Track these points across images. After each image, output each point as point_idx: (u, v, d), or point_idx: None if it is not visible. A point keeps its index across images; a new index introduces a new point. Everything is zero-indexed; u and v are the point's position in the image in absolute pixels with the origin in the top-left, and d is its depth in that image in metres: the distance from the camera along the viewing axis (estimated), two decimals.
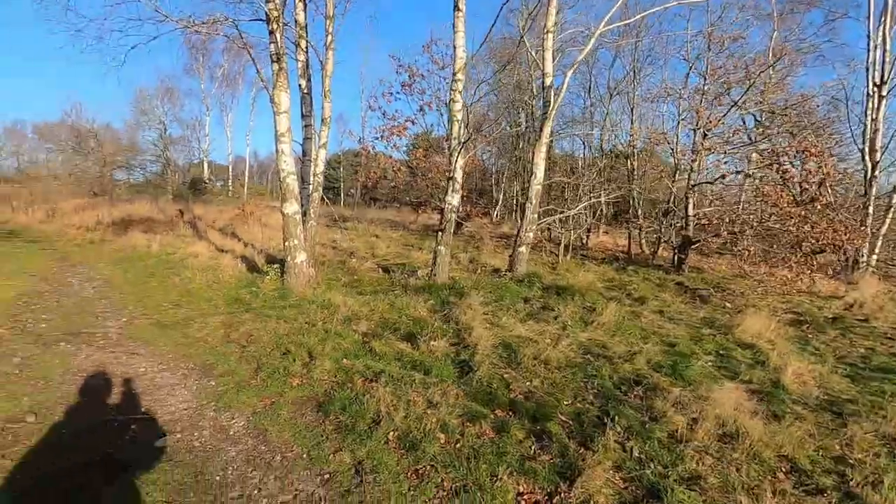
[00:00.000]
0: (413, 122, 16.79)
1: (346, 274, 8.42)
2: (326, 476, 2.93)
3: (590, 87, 19.42)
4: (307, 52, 7.69)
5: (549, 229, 15.25)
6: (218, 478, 2.92)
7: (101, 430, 3.34)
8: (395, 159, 16.35)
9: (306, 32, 7.47)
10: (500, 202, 23.23)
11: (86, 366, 4.45)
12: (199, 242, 11.29)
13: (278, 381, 4.16)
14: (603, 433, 3.34)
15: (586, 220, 15.29)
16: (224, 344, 5.08)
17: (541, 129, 8.71)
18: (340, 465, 3.02)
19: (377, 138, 10.99)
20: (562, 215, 11.85)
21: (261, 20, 6.31)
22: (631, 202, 15.79)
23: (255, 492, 2.78)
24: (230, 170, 44.02)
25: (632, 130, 16.85)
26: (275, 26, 6.26)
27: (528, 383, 4.26)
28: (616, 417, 3.59)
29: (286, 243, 6.73)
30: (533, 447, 3.25)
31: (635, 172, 15.72)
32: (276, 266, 7.18)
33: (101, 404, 3.74)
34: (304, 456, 3.14)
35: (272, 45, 6.32)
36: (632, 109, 17.45)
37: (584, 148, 20.57)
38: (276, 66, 6.32)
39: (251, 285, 7.19)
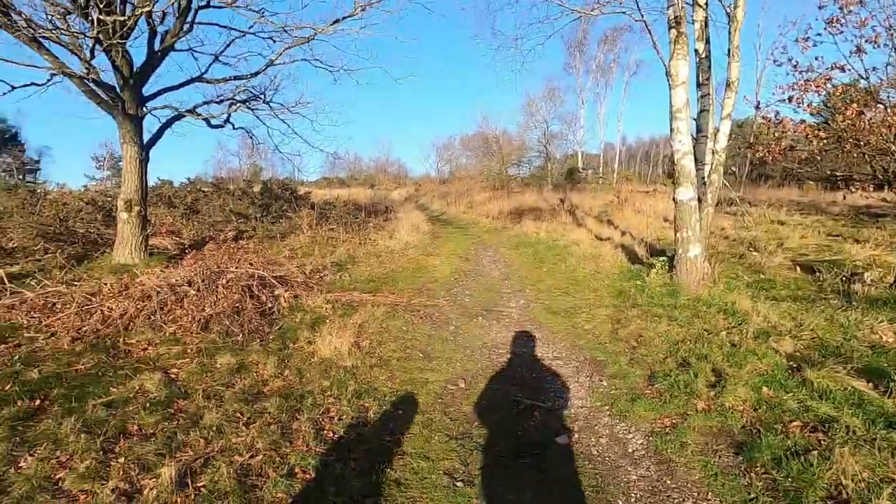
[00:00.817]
0: (842, 69, 12.39)
1: (747, 271, 6.87)
2: None
3: None
4: (706, 6, 6.52)
5: None
6: (621, 503, 2.61)
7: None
8: (808, 124, 12.62)
9: None
10: None
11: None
12: (579, 230, 11.79)
13: (679, 400, 3.55)
14: None
15: None
16: (612, 341, 4.86)
17: None
18: None
19: (782, 101, 8.74)
20: None
21: None
22: None
23: None
24: (601, 157, 45.46)
25: None
26: None
27: None
28: None
29: (678, 234, 5.95)
30: None
31: None
32: (662, 259, 6.52)
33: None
34: None
35: (670, 9, 5.59)
36: None
37: None
38: (673, 32, 5.57)
39: (635, 277, 6.78)
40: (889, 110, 12.34)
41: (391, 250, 9.36)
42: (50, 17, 5.84)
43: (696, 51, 6.49)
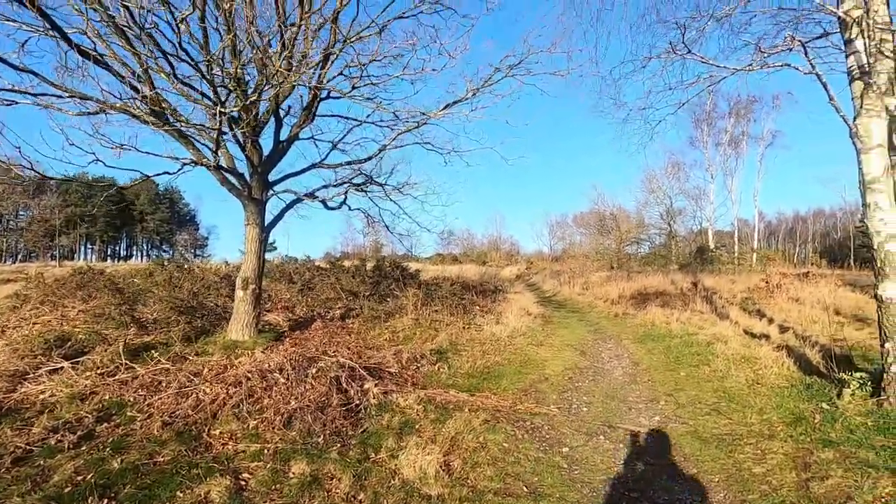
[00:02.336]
0: None
1: None
2: None
3: None
4: (895, 54, 5.23)
5: None
6: None
7: None
8: None
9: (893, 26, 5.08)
10: None
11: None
12: (721, 322, 9.90)
13: None
14: None
15: None
16: (802, 500, 3.39)
17: None
18: None
19: None
20: None
21: (827, 35, 4.65)
22: None
23: None
24: (735, 235, 40.86)
25: None
26: (853, 31, 4.42)
27: None
28: None
29: (888, 345, 4.33)
30: None
31: None
32: (859, 375, 4.80)
33: None
34: None
35: (851, 58, 4.48)
36: None
37: None
38: (858, 86, 4.40)
39: (817, 397, 5.09)
40: None
41: (497, 338, 8.53)
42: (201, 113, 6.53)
43: (885, 107, 5.13)
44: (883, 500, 3.25)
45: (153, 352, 6.71)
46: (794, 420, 4.72)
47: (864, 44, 4.31)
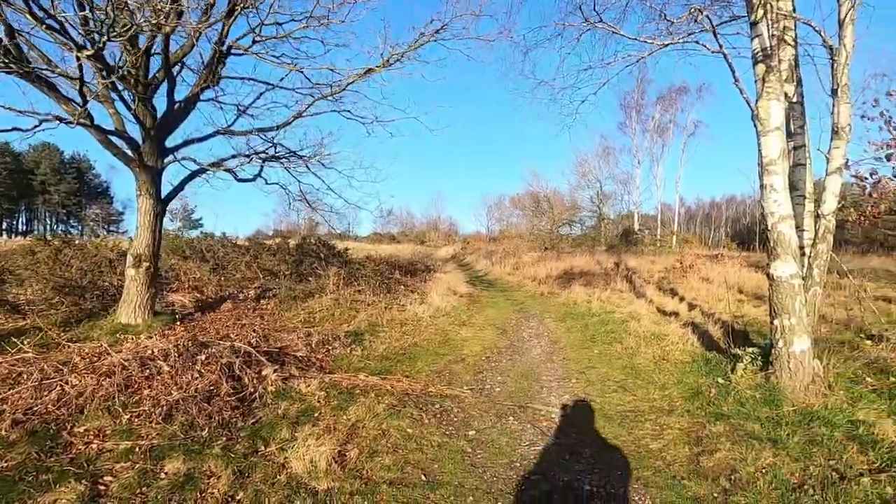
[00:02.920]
0: None
1: (869, 371, 5.21)
2: None
3: None
4: (796, 43, 5.42)
5: None
6: None
7: None
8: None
9: (793, 21, 5.25)
10: None
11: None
12: (638, 300, 10.31)
13: None
14: None
15: None
16: (692, 475, 3.44)
17: None
18: None
19: (878, 159, 7.76)
20: None
21: (737, 18, 4.70)
22: None
23: None
24: (658, 219, 43.36)
25: None
26: (759, 14, 4.47)
27: None
28: None
29: (776, 321, 4.53)
30: None
31: None
32: (751, 350, 5.03)
33: None
34: None
35: (755, 41, 4.54)
36: None
37: None
38: (761, 68, 4.47)
39: (715, 373, 5.30)
40: None
41: (418, 318, 8.31)
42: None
43: (785, 94, 5.32)
44: (763, 470, 3.36)
45: (24, 338, 5.87)
46: (693, 395, 4.88)
47: (768, 26, 4.36)
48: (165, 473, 3.38)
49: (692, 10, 4.49)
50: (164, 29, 5.16)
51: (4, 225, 63.27)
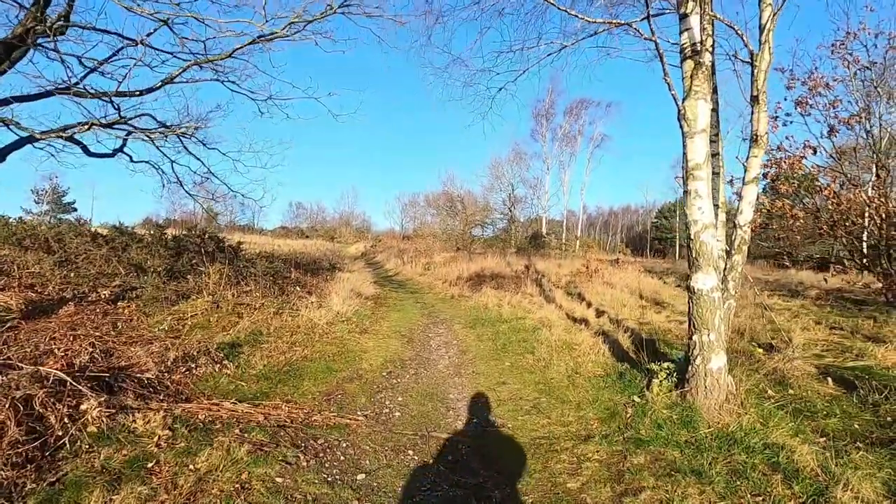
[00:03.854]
0: (814, 151, 11.89)
1: (770, 383, 5.22)
2: None
3: None
4: (713, 49, 5.28)
5: None
6: None
7: None
8: (785, 202, 11.98)
9: (712, 21, 5.12)
10: None
11: None
12: (548, 305, 10.11)
13: None
14: None
15: None
16: None
17: None
18: None
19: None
20: None
21: (667, 11, 4.38)
22: None
23: None
24: (564, 224, 45.49)
25: None
26: (689, 6, 4.17)
27: None
28: None
29: (695, 337, 4.24)
30: None
31: None
32: (666, 366, 4.77)
33: None
34: None
35: (684, 34, 4.24)
36: None
37: None
38: (689, 65, 4.17)
39: (629, 389, 4.98)
40: (872, 192, 11.61)
41: (313, 325, 7.28)
42: None
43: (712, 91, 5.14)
44: None
45: None
46: (609, 416, 4.48)
47: (700, 18, 4.06)
48: None
49: None
50: None
51: None
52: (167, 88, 6.84)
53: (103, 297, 7.70)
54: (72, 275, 8.80)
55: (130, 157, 8.33)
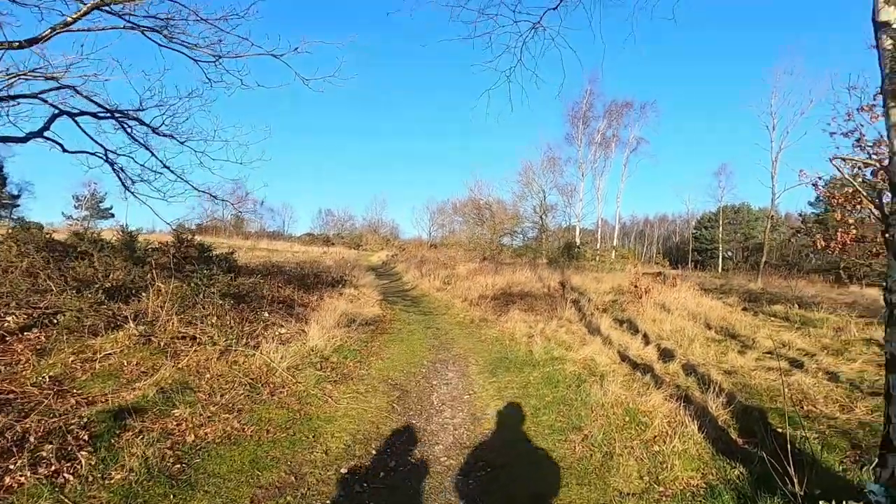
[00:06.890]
0: None
1: None
2: None
3: None
4: None
5: None
6: None
7: None
8: None
9: None
10: None
11: None
12: (592, 338, 7.82)
13: None
14: None
15: None
16: None
17: None
18: None
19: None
20: None
21: None
22: None
23: None
24: (598, 233, 42.61)
25: None
26: None
27: None
28: None
29: None
30: None
31: None
32: None
33: None
34: None
35: None
36: None
37: None
38: None
39: None
40: None
41: (269, 369, 5.25)
42: None
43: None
44: None
45: None
46: None
47: None
48: None
49: None
50: None
51: None
52: (93, 53, 5.01)
53: (6, 324, 5.90)
54: None
55: (61, 146, 6.58)
